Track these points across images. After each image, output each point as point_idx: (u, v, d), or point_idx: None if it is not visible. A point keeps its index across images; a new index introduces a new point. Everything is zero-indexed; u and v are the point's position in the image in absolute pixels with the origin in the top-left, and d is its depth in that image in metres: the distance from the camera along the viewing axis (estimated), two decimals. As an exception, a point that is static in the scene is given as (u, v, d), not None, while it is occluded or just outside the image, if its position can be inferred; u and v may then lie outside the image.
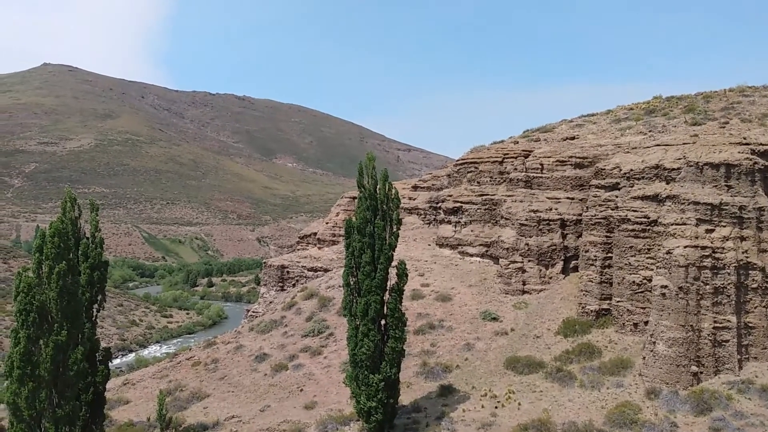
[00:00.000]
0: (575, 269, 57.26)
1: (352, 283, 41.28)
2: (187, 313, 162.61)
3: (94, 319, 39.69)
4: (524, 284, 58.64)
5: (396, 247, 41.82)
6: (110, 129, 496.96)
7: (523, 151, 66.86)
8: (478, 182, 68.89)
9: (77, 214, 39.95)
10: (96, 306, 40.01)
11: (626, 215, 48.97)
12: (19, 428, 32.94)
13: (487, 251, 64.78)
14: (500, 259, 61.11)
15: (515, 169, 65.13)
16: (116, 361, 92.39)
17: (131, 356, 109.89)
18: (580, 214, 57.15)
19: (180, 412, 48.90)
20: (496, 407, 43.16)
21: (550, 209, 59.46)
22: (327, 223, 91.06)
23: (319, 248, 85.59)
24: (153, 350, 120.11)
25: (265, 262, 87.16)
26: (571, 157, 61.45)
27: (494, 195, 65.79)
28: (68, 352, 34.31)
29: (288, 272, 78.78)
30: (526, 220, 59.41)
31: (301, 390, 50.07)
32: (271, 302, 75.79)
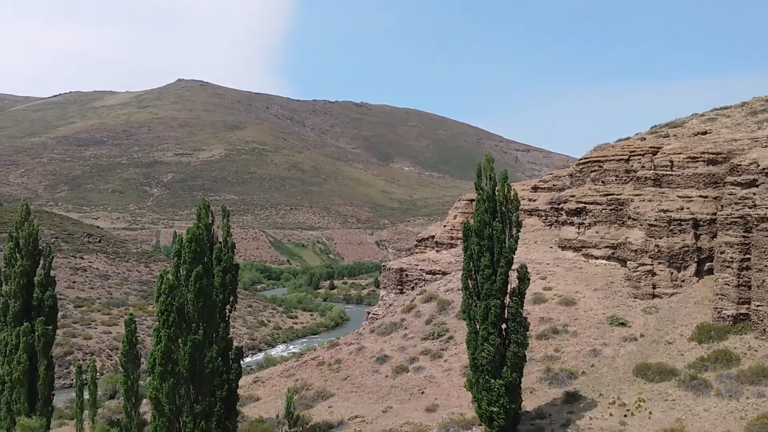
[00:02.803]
0: (710, 272, 53.92)
1: (470, 286, 40.95)
2: (311, 315, 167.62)
3: (227, 319, 41.20)
4: (654, 288, 55.93)
5: (516, 249, 41.09)
6: (238, 139, 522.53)
7: (651, 147, 63.81)
8: (603, 181, 66.48)
9: (211, 220, 42.00)
10: (228, 307, 41.54)
11: (765, 214, 45.59)
12: (161, 422, 34.53)
13: (613, 253, 62.34)
14: (628, 262, 58.61)
15: (643, 167, 62.29)
16: (247, 360, 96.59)
17: (260, 355, 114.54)
18: (715, 214, 53.75)
19: (306, 410, 50.55)
20: (625, 416, 41.45)
21: (682, 208, 56.39)
22: (444, 226, 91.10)
23: (437, 251, 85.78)
24: (280, 350, 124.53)
25: (384, 265, 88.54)
26: (703, 153, 58.01)
27: (620, 194, 63.20)
28: (204, 351, 35.81)
29: (407, 275, 79.55)
30: (656, 220, 56.66)
31: (422, 392, 50.36)
32: (390, 305, 76.84)
